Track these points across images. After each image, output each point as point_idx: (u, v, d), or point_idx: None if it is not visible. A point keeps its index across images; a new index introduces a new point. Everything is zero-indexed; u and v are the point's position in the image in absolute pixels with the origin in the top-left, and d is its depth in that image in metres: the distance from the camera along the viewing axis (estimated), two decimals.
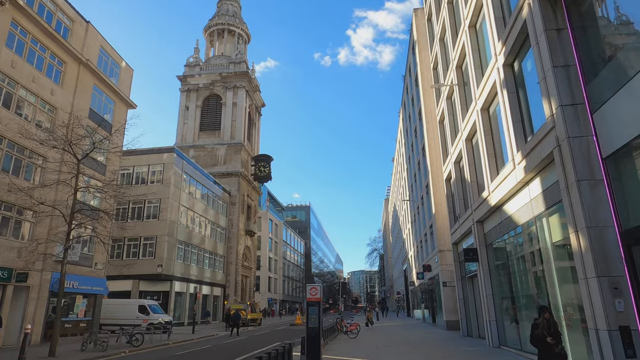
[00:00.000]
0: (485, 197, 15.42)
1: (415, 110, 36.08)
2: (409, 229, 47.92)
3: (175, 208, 38.14)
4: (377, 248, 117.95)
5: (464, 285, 21.63)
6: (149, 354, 18.05)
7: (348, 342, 19.97)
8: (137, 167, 38.94)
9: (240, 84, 58.01)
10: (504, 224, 14.23)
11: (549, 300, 10.89)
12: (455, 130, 21.07)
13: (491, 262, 16.45)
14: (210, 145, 55.53)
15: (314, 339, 12.20)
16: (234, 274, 50.66)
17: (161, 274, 35.46)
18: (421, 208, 35.64)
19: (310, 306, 12.53)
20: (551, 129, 9.53)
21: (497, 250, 16.10)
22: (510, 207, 13.48)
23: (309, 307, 12.53)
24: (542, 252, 11.28)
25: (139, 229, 36.86)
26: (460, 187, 20.56)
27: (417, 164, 36.24)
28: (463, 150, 18.62)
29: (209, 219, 45.87)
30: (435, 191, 28.39)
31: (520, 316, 13.53)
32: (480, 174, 17.22)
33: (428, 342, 19.13)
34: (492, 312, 16.05)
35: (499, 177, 13.67)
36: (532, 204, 11.55)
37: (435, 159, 28.82)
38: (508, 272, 14.55)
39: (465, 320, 21.46)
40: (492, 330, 15.87)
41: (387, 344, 18.68)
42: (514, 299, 14.07)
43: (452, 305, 26.10)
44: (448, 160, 22.57)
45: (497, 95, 14.05)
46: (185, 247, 39.97)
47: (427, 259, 33.23)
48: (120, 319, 28.62)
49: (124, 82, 30.43)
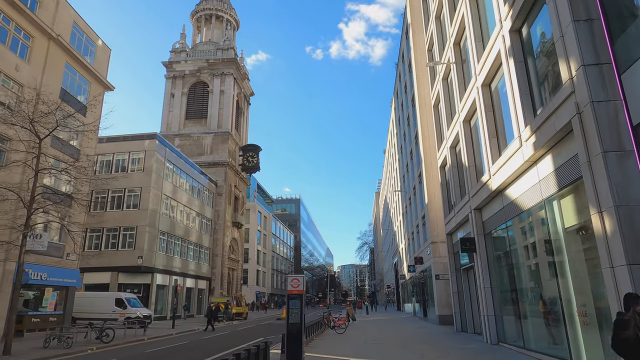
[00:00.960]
0: (485, 181, 14.14)
1: (408, 97, 34.75)
2: (400, 221, 46.80)
3: (157, 197, 36.45)
4: (367, 242, 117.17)
5: (458, 278, 20.45)
6: (117, 351, 16.58)
7: (335, 338, 18.69)
8: (118, 154, 37.12)
9: (227, 71, 56.14)
10: (506, 210, 12.96)
11: (560, 293, 9.63)
12: (451, 113, 19.76)
13: (490, 253, 15.23)
14: (197, 134, 53.71)
15: (294, 337, 10.84)
16: (220, 267, 49.15)
17: (141, 265, 33.84)
18: (413, 199, 34.45)
19: (292, 299, 11.16)
20: (570, 95, 8.20)
21: (496, 239, 14.86)
22: (514, 190, 12.20)
23: (290, 300, 11.16)
24: (552, 239, 10.01)
25: (118, 218, 35.22)
26: (456, 173, 19.29)
27: (410, 153, 34.98)
28: (460, 133, 17.32)
29: (193, 210, 44.24)
30: (428, 180, 27.15)
31: (523, 311, 12.30)
32: (479, 157, 15.93)
33: (420, 338, 17.92)
34: (490, 307, 14.84)
35: (502, 158, 12.38)
36: (541, 186, 10.26)
37: (428, 146, 27.54)
38: (509, 262, 13.31)
39: (459, 314, 20.29)
40: (490, 326, 14.67)
41: (377, 340, 17.44)
42: (515, 292, 12.85)
43: (445, 299, 24.97)
44: (443, 146, 21.28)
45: (500, 68, 12.72)
46: (168, 238, 38.35)
47: (418, 251, 32.08)
48: (96, 313, 27.10)
49: (100, 62, 28.58)
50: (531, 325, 11.77)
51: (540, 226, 10.82)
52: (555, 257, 9.85)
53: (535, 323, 11.51)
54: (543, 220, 10.52)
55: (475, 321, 18.46)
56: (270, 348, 14.91)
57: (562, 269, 9.65)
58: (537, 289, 11.36)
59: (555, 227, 9.90)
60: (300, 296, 11.12)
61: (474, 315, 18.64)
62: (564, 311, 9.46)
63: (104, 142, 37.36)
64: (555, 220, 9.89)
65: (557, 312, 9.96)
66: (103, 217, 35.37)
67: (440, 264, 25.69)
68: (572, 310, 9.26)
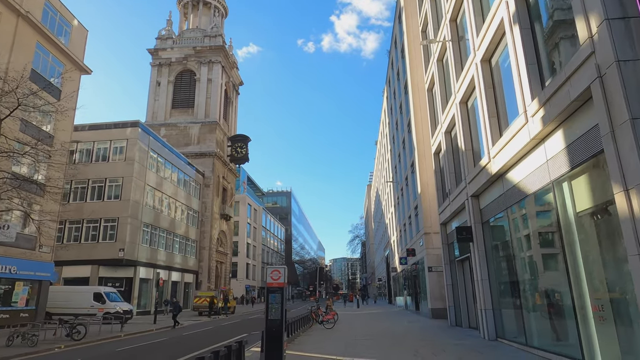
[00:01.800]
0: (483, 165, 13.06)
1: (400, 84, 33.61)
2: (391, 213, 45.86)
3: (140, 188, 35.02)
4: (358, 235, 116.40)
5: (452, 270, 19.48)
6: (87, 349, 15.35)
7: (323, 334, 17.63)
8: (99, 142, 35.57)
9: (215, 59, 54.49)
10: (507, 196, 11.90)
11: (571, 285, 8.59)
12: (447, 95, 18.65)
13: (488, 242, 14.21)
14: (183, 124, 52.17)
15: (274, 335, 9.70)
16: (208, 260, 47.91)
17: (123, 258, 32.48)
18: (405, 189, 33.44)
19: (271, 293, 10.00)
20: (589, 56, 7.09)
21: (495, 228, 13.84)
22: (516, 174, 11.13)
23: (270, 294, 9.99)
24: (562, 225, 8.95)
25: (99, 209, 33.76)
26: (451, 159, 18.22)
27: (402, 143, 33.91)
28: (457, 116, 16.21)
29: (179, 201, 42.84)
30: (421, 169, 26.10)
31: (525, 305, 11.28)
32: (476, 140, 14.86)
33: (413, 333, 16.92)
34: (487, 300, 13.84)
35: (503, 139, 11.29)
36: (549, 166, 9.19)
37: (421, 134, 26.47)
38: (510, 252, 12.28)
39: (453, 308, 19.33)
40: (488, 321, 13.68)
41: (367, 336, 16.41)
42: (516, 285, 11.82)
43: (438, 292, 24.05)
44: (437, 131, 20.19)
45: (503, 39, 11.60)
46: (152, 230, 36.96)
47: (411, 243, 31.13)
48: (73, 308, 25.75)
49: (76, 44, 26.99)
50: (535, 321, 10.77)
51: (547, 211, 9.77)
52: (565, 246, 8.80)
53: (540, 318, 10.51)
54: (551, 204, 9.46)
55: (470, 315, 17.50)
56: (252, 346, 13.85)
57: (573, 259, 8.60)
58: (543, 281, 10.34)
59: (565, 212, 8.84)
60: (281, 290, 9.97)
61: (469, 309, 17.68)
62: (575, 305, 8.44)
63: (86, 129, 35.92)
64: (566, 204, 8.84)
65: (566, 306, 8.94)
66: (83, 207, 33.94)
67: (433, 256, 24.74)
68: (584, 304, 8.24)
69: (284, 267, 10.13)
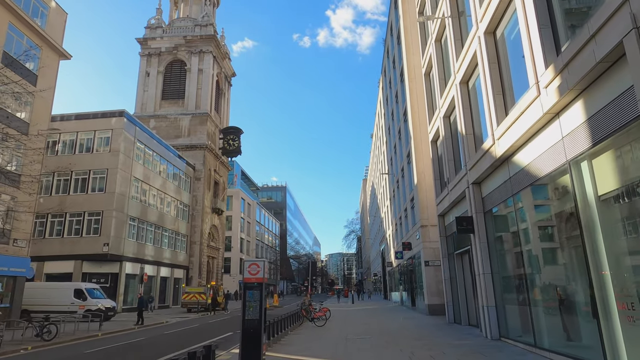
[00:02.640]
0: (486, 149, 11.89)
1: (396, 72, 32.39)
2: (387, 207, 44.77)
3: (125, 180, 33.66)
4: (354, 230, 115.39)
5: (451, 264, 18.38)
6: (56, 350, 14.15)
7: (313, 332, 16.50)
8: (82, 133, 34.12)
9: (206, 49, 52.96)
10: (514, 181, 10.75)
11: (591, 280, 7.45)
12: (445, 77, 17.46)
13: (490, 233, 13.08)
14: (173, 115, 50.69)
15: (252, 337, 8.54)
16: (199, 255, 46.66)
17: (108, 253, 31.17)
18: (401, 181, 32.31)
19: (249, 290, 8.84)
20: (620, 6, 5.91)
21: (499, 218, 12.70)
22: (525, 155, 9.97)
23: (247, 290, 8.83)
24: (580, 210, 7.80)
25: (82, 202, 32.43)
26: (450, 146, 17.06)
27: (398, 133, 32.74)
28: (456, 98, 15.03)
29: (168, 195, 41.49)
30: (418, 158, 24.95)
31: (533, 301, 10.16)
32: (478, 123, 13.69)
33: (409, 332, 15.82)
34: (490, 296, 12.73)
35: (510, 117, 10.12)
36: (565, 144, 8.03)
37: (418, 122, 25.32)
38: (516, 243, 11.16)
39: (451, 304, 18.25)
40: (491, 319, 12.57)
41: (359, 334, 15.29)
42: (523, 279, 10.70)
43: (436, 287, 22.99)
44: (435, 117, 19.01)
45: (510, 6, 10.40)
46: (139, 224, 35.64)
47: (407, 237, 30.04)
48: (52, 305, 24.45)
49: (54, 26, 25.52)
50: (545, 319, 9.66)
51: (562, 196, 8.62)
52: (584, 234, 7.65)
53: (551, 316, 9.40)
54: (566, 188, 8.31)
55: (470, 312, 16.42)
56: (233, 347, 12.69)
57: (593, 249, 7.46)
58: (556, 275, 9.22)
59: (584, 196, 7.69)
60: (260, 286, 8.80)
61: (469, 306, 16.60)
62: (597, 302, 7.30)
63: (69, 119, 34.50)
64: (584, 187, 7.68)
65: (584, 303, 7.82)
66: (66, 200, 32.57)
67: (430, 249, 23.65)
68: (607, 300, 7.10)
69: (264, 261, 8.96)
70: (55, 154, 33.94)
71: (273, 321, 13.33)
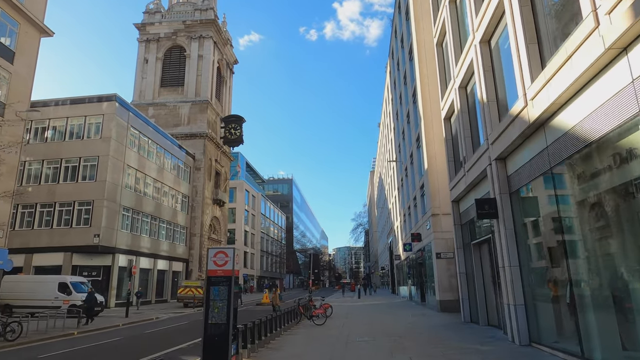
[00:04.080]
0: (516, 113, 9.73)
1: (405, 52, 30.10)
2: (395, 197, 42.59)
3: (118, 168, 31.89)
4: (362, 223, 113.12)
5: (467, 256, 16.25)
6: (12, 353, 12.34)
7: (309, 332, 14.53)
8: (72, 118, 32.38)
9: (206, 34, 50.95)
10: (552, 152, 8.60)
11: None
12: (462, 40, 15.25)
13: (518, 218, 10.93)
14: (173, 103, 48.87)
15: (217, 346, 6.55)
16: (199, 248, 44.95)
17: (98, 245, 29.48)
18: (410, 169, 30.11)
19: (214, 285, 6.86)
20: None
21: (529, 199, 10.56)
22: (570, 114, 7.81)
23: (212, 287, 6.85)
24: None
25: (72, 191, 30.76)
26: (467, 120, 14.88)
27: (406, 117, 30.49)
28: (476, 61, 12.83)
29: (166, 184, 39.72)
30: (428, 141, 22.76)
31: (580, 301, 8.03)
32: (503, 86, 11.51)
33: (420, 333, 13.77)
34: (518, 293, 10.61)
35: (551, 67, 7.95)
36: (637, 88, 5.86)
37: (429, 100, 23.11)
38: (554, 230, 9.02)
39: (467, 301, 16.15)
40: (519, 320, 10.46)
41: (362, 335, 13.29)
42: (565, 273, 8.57)
43: (448, 282, 20.91)
44: (449, 89, 16.79)
45: None
46: (133, 214, 33.93)
47: (416, 227, 27.90)
48: (37, 300, 22.80)
49: (34, 1, 23.62)
50: (598, 324, 7.53)
51: (628, 163, 6.45)
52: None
53: (608, 320, 7.27)
54: (636, 151, 6.15)
55: (490, 311, 14.31)
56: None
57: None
58: (614, 269, 7.07)
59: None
60: (229, 280, 6.79)
61: (488, 303, 14.49)
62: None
63: (58, 105, 32.80)
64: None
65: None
66: (55, 189, 30.95)
67: (441, 240, 21.53)
68: None
69: (233, 249, 6.94)
70: (44, 140, 32.30)
71: (261, 321, 11.40)
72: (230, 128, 52.34)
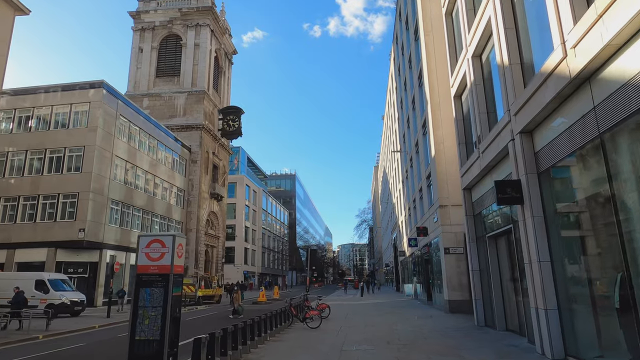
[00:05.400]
0: (550, 70, 7.73)
1: (410, 33, 28.04)
2: (399, 190, 40.59)
3: (106, 159, 30.12)
4: (366, 220, 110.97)
5: (480, 250, 14.28)
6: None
7: (299, 338, 12.63)
8: (58, 106, 30.63)
9: (203, 22, 49.04)
10: (602, 113, 6.62)
11: None
12: (475, 3, 13.22)
13: (549, 203, 8.95)
14: (168, 94, 47.07)
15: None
16: (195, 244, 43.21)
17: (84, 240, 27.75)
18: (415, 159, 28.11)
19: (146, 287, 4.97)
20: None
21: (563, 180, 8.59)
22: (632, 59, 5.81)
23: (142, 289, 4.95)
24: None
25: (57, 183, 29.05)
26: (482, 94, 12.89)
27: (412, 103, 28.47)
28: (495, 20, 10.83)
29: (159, 177, 37.96)
30: (435, 125, 20.75)
31: (635, 307, 6.06)
32: (528, 45, 9.50)
33: (428, 339, 11.84)
34: (549, 295, 8.64)
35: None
36: None
37: (436, 81, 21.14)
38: (602, 214, 7.04)
39: (481, 302, 14.19)
40: (551, 328, 8.50)
41: (361, 342, 11.38)
42: (623, 270, 6.58)
43: (457, 280, 18.95)
44: (461, 60, 14.77)
45: None
46: (123, 208, 32.19)
47: (422, 221, 25.92)
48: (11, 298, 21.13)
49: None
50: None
51: None
52: None
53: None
54: None
55: (510, 314, 12.34)
56: None
57: None
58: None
59: None
60: (165, 280, 4.89)
61: (506, 305, 12.52)
62: None
63: (44, 92, 31.09)
64: None
65: None
66: (39, 181, 29.26)
67: (450, 234, 19.56)
68: None
69: (173, 236, 5.06)
70: (28, 130, 30.59)
71: (242, 325, 9.54)
72: (228, 120, 50.48)
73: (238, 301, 20.35)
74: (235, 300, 20.36)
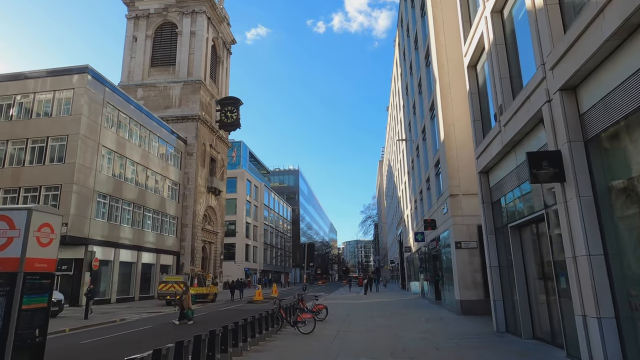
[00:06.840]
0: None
1: (415, 11, 25.88)
2: (405, 183, 38.46)
3: (91, 149, 28.27)
4: (371, 216, 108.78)
5: (500, 244, 12.20)
6: None
7: (286, 347, 10.63)
8: (40, 94, 28.81)
9: (199, 9, 47.07)
10: None
11: None
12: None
13: (600, 180, 6.86)
14: (163, 84, 45.19)
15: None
16: (191, 239, 41.39)
17: (67, 235, 25.91)
18: (422, 146, 25.99)
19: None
20: None
21: (616, 151, 6.49)
22: None
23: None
24: None
25: (38, 175, 27.25)
26: (504, 54, 10.77)
27: (418, 86, 26.33)
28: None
29: (152, 169, 36.09)
30: (445, 106, 18.63)
31: None
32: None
33: (440, 351, 9.79)
34: (604, 299, 6.58)
35: None
36: None
37: (445, 56, 19.04)
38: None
39: (502, 304, 12.11)
40: (606, 342, 6.44)
41: (359, 353, 9.37)
42: None
43: (471, 278, 16.87)
44: (477, 22, 12.63)
45: None
46: (111, 202, 30.36)
47: (430, 213, 23.82)
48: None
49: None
50: None
51: None
52: None
53: None
54: None
55: (538, 319, 10.25)
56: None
57: None
58: None
59: None
60: (11, 279, 2.89)
61: (534, 309, 10.44)
62: None
63: (26, 79, 29.28)
64: None
65: None
66: (20, 173, 27.49)
67: (462, 226, 17.47)
68: None
69: (26, 211, 3.09)
70: (9, 119, 28.81)
71: (207, 336, 7.57)
72: (226, 111, 48.56)
73: (189, 304, 17.63)
74: (185, 303, 17.57)
